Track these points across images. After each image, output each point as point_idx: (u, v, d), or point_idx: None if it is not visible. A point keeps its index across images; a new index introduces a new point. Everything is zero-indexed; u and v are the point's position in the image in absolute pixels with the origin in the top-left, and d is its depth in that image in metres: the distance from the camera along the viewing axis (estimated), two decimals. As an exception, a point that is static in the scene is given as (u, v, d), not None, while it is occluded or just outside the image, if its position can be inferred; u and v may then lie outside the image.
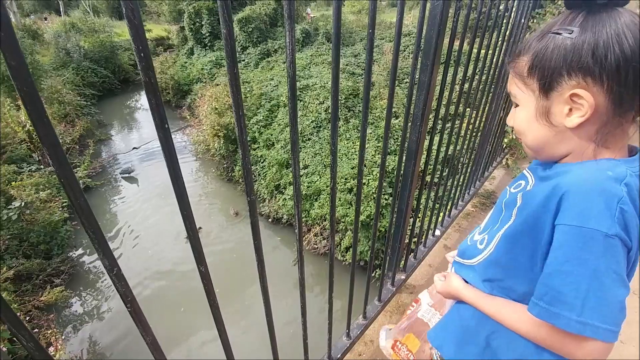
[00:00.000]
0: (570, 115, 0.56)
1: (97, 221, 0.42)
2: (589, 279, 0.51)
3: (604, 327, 0.51)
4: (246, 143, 0.55)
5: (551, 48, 0.56)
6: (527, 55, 0.60)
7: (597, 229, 0.50)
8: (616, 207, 0.51)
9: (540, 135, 0.62)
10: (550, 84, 0.57)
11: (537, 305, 0.57)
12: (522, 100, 0.63)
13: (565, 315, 0.53)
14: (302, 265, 0.86)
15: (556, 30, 0.56)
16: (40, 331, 4.66)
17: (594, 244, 0.51)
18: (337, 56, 0.64)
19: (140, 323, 0.53)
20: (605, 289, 0.51)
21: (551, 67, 0.56)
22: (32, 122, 0.35)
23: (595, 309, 0.51)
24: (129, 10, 0.37)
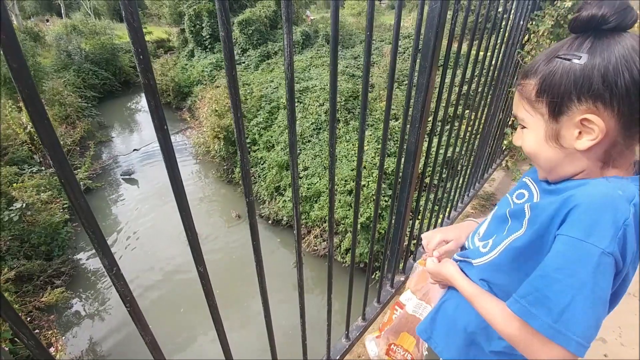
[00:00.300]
0: (580, 138, 0.57)
1: (97, 221, 0.43)
2: (575, 291, 0.52)
3: (576, 339, 0.52)
4: (244, 144, 0.55)
5: (560, 73, 0.56)
6: (535, 79, 0.60)
7: (597, 245, 0.51)
8: (621, 226, 0.52)
9: (550, 157, 0.63)
10: (560, 108, 0.58)
11: (518, 302, 0.58)
12: (530, 124, 0.64)
13: (542, 318, 0.54)
14: (300, 267, 0.86)
15: (564, 55, 0.56)
16: (41, 332, 4.66)
17: (589, 260, 0.52)
18: (334, 58, 0.65)
19: (139, 323, 0.54)
20: (587, 305, 0.52)
21: (561, 92, 0.56)
22: (33, 122, 0.36)
23: (572, 320, 0.52)
24: (129, 13, 0.38)
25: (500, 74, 1.99)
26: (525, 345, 0.58)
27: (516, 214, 0.69)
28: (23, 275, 5.37)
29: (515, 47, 2.09)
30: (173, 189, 0.48)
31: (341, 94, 7.92)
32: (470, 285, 0.76)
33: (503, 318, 0.63)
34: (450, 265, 0.85)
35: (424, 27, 1.03)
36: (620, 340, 1.72)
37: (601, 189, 0.56)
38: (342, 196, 6.03)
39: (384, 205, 5.51)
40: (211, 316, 0.66)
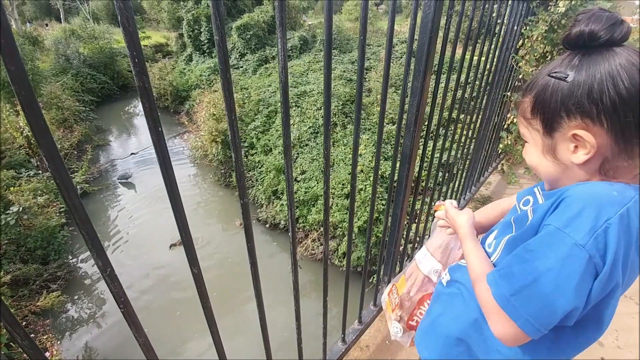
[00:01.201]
0: (576, 152, 0.58)
1: (91, 222, 0.43)
2: (539, 273, 0.54)
3: (526, 317, 0.55)
4: (239, 146, 0.56)
5: (550, 91, 0.58)
6: (529, 97, 0.63)
7: (571, 235, 0.52)
8: (602, 224, 0.51)
9: (550, 171, 0.64)
10: (552, 124, 0.59)
11: (492, 274, 0.62)
12: (529, 139, 0.66)
13: (502, 289, 0.58)
14: (295, 270, 0.87)
15: (554, 73, 0.58)
16: (37, 336, 4.62)
17: (559, 248, 0.53)
18: (328, 62, 0.66)
19: (133, 324, 0.54)
20: (547, 289, 0.53)
21: (551, 109, 0.58)
22: (30, 124, 0.36)
23: (528, 299, 0.55)
24: (124, 17, 0.39)
25: (495, 78, 2.01)
26: (487, 312, 0.62)
27: (520, 219, 0.69)
28: (19, 280, 5.33)
29: (510, 52, 2.11)
30: (167, 189, 0.49)
31: (338, 98, 7.96)
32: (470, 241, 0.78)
33: (480, 284, 0.66)
34: (465, 214, 0.86)
35: (418, 32, 1.05)
36: (617, 344, 1.73)
37: (597, 187, 0.56)
38: (339, 200, 6.04)
39: (380, 209, 5.52)
40: (205, 318, 0.67)
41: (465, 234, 0.82)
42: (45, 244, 6.01)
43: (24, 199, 5.94)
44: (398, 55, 10.62)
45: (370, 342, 1.65)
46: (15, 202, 5.76)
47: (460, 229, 0.84)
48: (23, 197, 5.96)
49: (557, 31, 2.60)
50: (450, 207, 0.91)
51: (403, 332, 1.03)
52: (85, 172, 8.46)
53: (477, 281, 0.68)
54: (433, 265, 1.00)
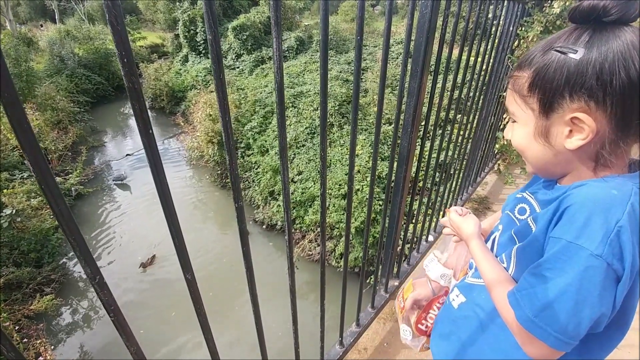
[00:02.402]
0: (570, 136, 0.55)
1: (79, 228, 0.42)
2: (560, 290, 0.52)
3: (554, 334, 0.53)
4: (233, 149, 0.55)
5: (554, 67, 0.53)
6: (528, 72, 0.57)
7: (585, 246, 0.50)
8: (613, 228, 0.49)
9: (539, 155, 0.61)
10: (552, 104, 0.55)
11: (514, 294, 0.60)
12: (520, 118, 0.61)
13: (525, 311, 0.56)
14: (292, 273, 0.85)
15: (560, 47, 0.53)
16: (30, 341, 4.56)
17: (577, 260, 0.51)
18: (325, 63, 0.65)
19: (124, 332, 0.52)
20: (570, 304, 0.52)
21: (553, 87, 0.54)
22: (12, 126, 0.35)
23: (553, 317, 0.53)
24: (112, 16, 0.37)
25: (491, 78, 2.01)
26: (515, 333, 0.60)
27: (521, 230, 0.67)
28: (12, 283, 5.27)
29: (506, 53, 2.12)
30: (159, 193, 0.47)
31: (335, 98, 7.95)
32: (483, 254, 0.74)
33: (502, 303, 0.63)
34: (472, 223, 0.82)
35: (414, 33, 1.04)
36: (613, 343, 1.72)
37: (595, 190, 0.54)
38: (336, 200, 6.03)
39: (378, 209, 5.52)
40: (199, 324, 0.65)
41: (472, 240, 0.79)
42: (38, 246, 5.95)
43: (17, 201, 5.87)
44: (394, 56, 10.64)
45: (368, 344, 1.64)
46: (9, 204, 5.70)
47: (467, 235, 0.81)
48: (16, 200, 5.89)
49: (551, 32, 2.60)
50: (454, 214, 0.88)
51: (412, 336, 1.02)
52: (80, 173, 8.39)
53: (492, 287, 0.66)
54: (442, 271, 0.99)
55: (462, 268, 0.94)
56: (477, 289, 0.77)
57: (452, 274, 0.98)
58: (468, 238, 0.81)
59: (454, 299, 0.83)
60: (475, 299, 0.76)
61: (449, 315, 0.84)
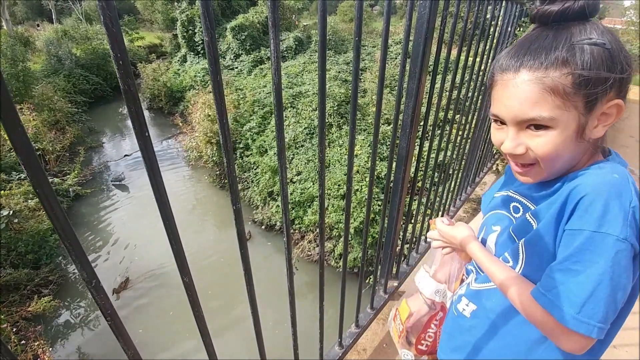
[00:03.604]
0: (597, 126, 0.57)
1: (78, 229, 0.41)
2: (596, 281, 0.53)
3: (598, 325, 0.53)
4: (231, 151, 0.54)
5: (595, 60, 0.53)
6: (567, 69, 0.54)
7: (610, 233, 0.52)
8: (629, 209, 0.52)
9: (573, 155, 0.59)
10: (596, 97, 0.54)
11: (543, 295, 0.58)
12: (556, 121, 0.56)
13: (566, 310, 0.55)
14: (290, 275, 0.85)
15: (590, 40, 0.53)
16: (28, 343, 4.54)
17: (605, 249, 0.52)
18: (323, 64, 0.64)
19: (121, 336, 0.52)
20: (607, 293, 0.52)
21: (600, 79, 0.53)
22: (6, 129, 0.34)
23: (595, 309, 0.53)
24: (107, 17, 0.37)
25: (490, 79, 2.00)
26: (551, 332, 0.59)
27: (520, 227, 0.67)
28: (9, 285, 5.24)
29: (505, 53, 2.11)
30: (155, 196, 0.47)
31: (334, 99, 7.95)
32: (486, 256, 0.73)
33: (527, 304, 0.62)
34: (465, 228, 0.81)
35: (413, 33, 1.04)
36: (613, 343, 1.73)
37: (600, 178, 0.55)
38: (335, 200, 6.03)
39: (377, 209, 5.52)
40: (198, 327, 0.65)
41: (471, 243, 0.77)
42: (36, 248, 5.92)
43: (15, 202, 5.85)
44: (393, 56, 10.65)
45: (367, 345, 1.63)
46: (6, 205, 5.67)
47: (462, 239, 0.80)
48: (14, 201, 5.87)
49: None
50: (440, 224, 0.87)
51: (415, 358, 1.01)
52: (78, 174, 8.36)
53: (507, 287, 0.65)
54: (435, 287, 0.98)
55: (455, 279, 0.93)
56: (485, 294, 0.76)
57: (445, 288, 0.97)
58: (465, 242, 0.79)
59: (464, 308, 0.81)
60: (485, 304, 0.75)
61: (461, 326, 0.82)
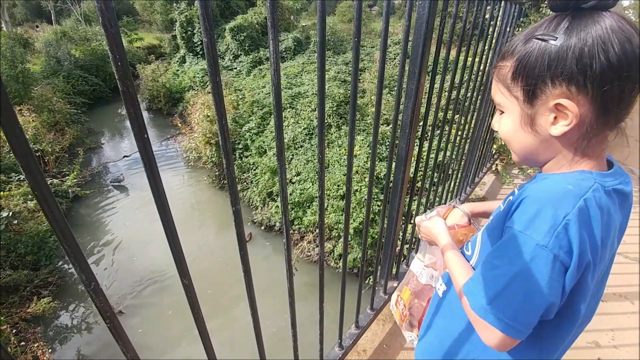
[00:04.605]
0: (555, 123, 0.56)
1: (77, 230, 0.41)
2: (510, 278, 0.55)
3: (506, 321, 0.55)
4: (230, 153, 0.54)
5: (535, 55, 0.54)
6: (511, 61, 0.58)
7: (533, 237, 0.53)
8: (561, 221, 0.51)
9: (525, 143, 0.62)
10: (535, 92, 0.56)
11: (467, 283, 0.63)
12: (506, 108, 0.62)
13: (478, 298, 0.59)
14: (290, 276, 0.85)
15: (541, 35, 0.54)
16: (27, 344, 4.53)
17: (525, 250, 0.54)
18: (322, 64, 0.64)
19: (121, 339, 0.52)
20: (521, 292, 0.54)
21: (535, 74, 0.54)
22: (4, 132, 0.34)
23: (505, 305, 0.56)
24: (106, 19, 0.36)
25: (488, 79, 2.01)
26: (473, 323, 0.62)
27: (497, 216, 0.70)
28: (9, 286, 5.23)
29: (504, 53, 2.12)
30: (155, 197, 0.47)
31: (333, 99, 7.95)
32: (449, 249, 0.79)
33: (459, 291, 0.67)
34: (439, 222, 0.88)
35: (412, 34, 1.04)
36: (614, 343, 1.73)
37: (552, 184, 0.56)
38: (334, 201, 6.03)
39: (376, 210, 5.52)
40: (197, 329, 0.65)
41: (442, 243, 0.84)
42: (36, 249, 5.91)
43: (14, 203, 5.83)
44: (392, 57, 10.66)
45: (367, 346, 1.63)
46: (5, 207, 5.66)
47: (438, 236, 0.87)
48: (13, 202, 5.85)
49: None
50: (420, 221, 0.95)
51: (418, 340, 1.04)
52: (77, 175, 8.34)
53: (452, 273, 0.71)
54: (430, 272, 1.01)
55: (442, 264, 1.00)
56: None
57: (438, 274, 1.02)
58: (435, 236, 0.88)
59: (439, 288, 0.87)
60: (452, 286, 0.81)
61: (436, 305, 0.88)
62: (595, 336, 1.75)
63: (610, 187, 0.55)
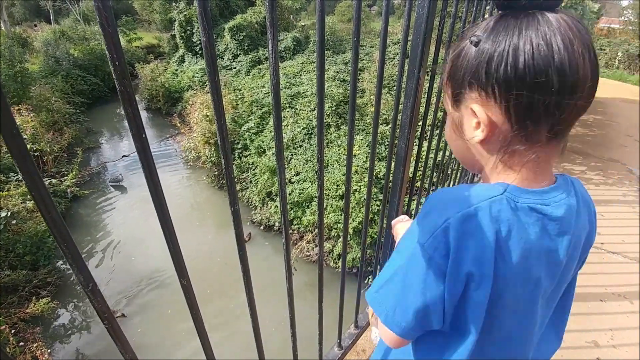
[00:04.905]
0: (477, 128, 0.53)
1: (76, 231, 0.41)
2: (394, 271, 0.57)
3: (386, 311, 0.57)
4: (229, 153, 0.54)
5: (461, 56, 0.51)
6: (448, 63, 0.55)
7: (416, 234, 0.53)
8: (442, 224, 0.50)
9: (457, 148, 0.60)
10: (458, 95, 0.53)
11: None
12: (446, 109, 0.60)
13: (373, 286, 0.61)
14: (289, 276, 0.85)
15: (470, 36, 0.50)
16: (26, 345, 4.52)
17: (409, 245, 0.55)
18: (321, 64, 0.64)
19: (119, 340, 0.51)
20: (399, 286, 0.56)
21: (460, 77, 0.52)
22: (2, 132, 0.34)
23: (387, 294, 0.58)
24: (103, 17, 0.36)
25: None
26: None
27: None
28: (8, 286, 5.23)
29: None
30: (153, 198, 0.46)
31: (332, 99, 7.95)
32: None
33: None
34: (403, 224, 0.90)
35: (411, 33, 1.04)
36: (613, 343, 1.73)
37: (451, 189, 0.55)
38: (333, 201, 6.03)
39: (375, 209, 5.52)
40: (196, 330, 0.64)
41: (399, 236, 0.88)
42: (34, 249, 5.90)
43: (12, 203, 5.83)
44: (391, 57, 10.66)
45: (366, 346, 1.63)
46: (4, 207, 5.65)
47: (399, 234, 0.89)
48: (11, 202, 5.84)
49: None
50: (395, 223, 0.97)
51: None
52: (76, 175, 8.33)
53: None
54: None
55: None
56: None
57: None
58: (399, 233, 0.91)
59: None
60: None
61: None
62: (594, 336, 1.75)
63: (526, 204, 0.50)
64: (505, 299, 0.52)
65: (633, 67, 13.56)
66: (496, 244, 0.49)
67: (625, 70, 13.64)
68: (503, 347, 0.59)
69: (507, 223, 0.49)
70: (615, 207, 3.14)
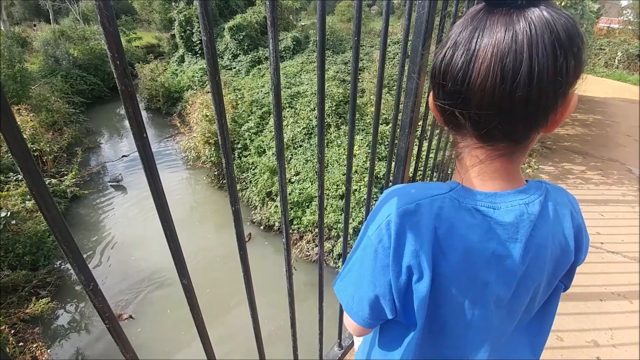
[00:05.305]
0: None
1: (76, 230, 0.41)
2: (353, 261, 0.60)
3: (348, 300, 0.60)
4: (229, 153, 0.54)
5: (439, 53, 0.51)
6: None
7: (368, 227, 0.56)
8: (385, 218, 0.52)
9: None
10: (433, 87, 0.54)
11: None
12: None
13: (339, 275, 0.64)
14: (290, 276, 0.85)
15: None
16: (26, 345, 4.52)
17: (362, 238, 0.58)
18: (322, 64, 0.64)
19: (120, 340, 0.51)
20: (355, 275, 0.59)
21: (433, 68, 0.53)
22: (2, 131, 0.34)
23: (347, 282, 0.61)
24: (104, 17, 0.36)
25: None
26: None
27: None
28: (7, 286, 5.22)
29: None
30: (154, 197, 0.46)
31: (332, 99, 7.95)
32: None
33: None
34: None
35: (412, 33, 1.04)
36: (613, 342, 1.73)
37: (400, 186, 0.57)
38: (334, 201, 6.03)
39: (376, 209, 5.52)
40: (197, 330, 0.64)
41: None
42: (34, 249, 5.89)
43: (12, 203, 5.82)
44: (391, 56, 10.66)
45: (366, 345, 1.63)
46: (3, 207, 5.65)
47: None
48: (11, 202, 5.84)
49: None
50: None
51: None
52: (75, 175, 8.32)
53: None
54: None
55: None
56: None
57: None
58: None
59: None
60: None
61: None
62: (594, 335, 1.75)
63: (471, 205, 0.49)
64: (449, 297, 0.53)
65: (632, 67, 13.56)
66: (434, 239, 0.50)
67: (625, 70, 13.65)
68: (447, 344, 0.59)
69: (448, 221, 0.49)
70: (614, 207, 3.15)
